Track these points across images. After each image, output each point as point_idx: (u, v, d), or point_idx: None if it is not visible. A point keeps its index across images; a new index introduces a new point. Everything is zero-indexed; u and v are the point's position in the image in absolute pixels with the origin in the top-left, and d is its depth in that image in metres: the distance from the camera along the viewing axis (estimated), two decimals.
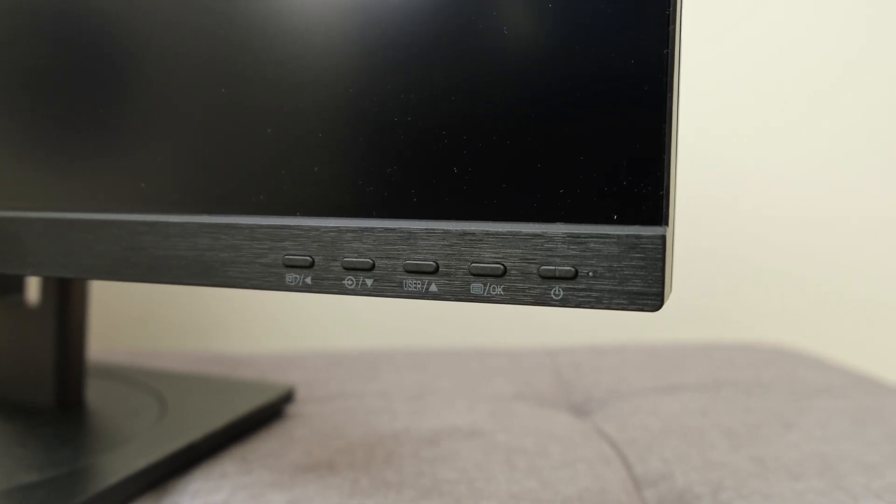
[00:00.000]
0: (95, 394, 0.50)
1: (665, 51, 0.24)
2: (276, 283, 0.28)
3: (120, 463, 0.39)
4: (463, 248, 0.26)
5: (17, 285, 0.49)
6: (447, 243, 0.26)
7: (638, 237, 0.24)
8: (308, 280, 0.28)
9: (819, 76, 0.83)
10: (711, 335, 0.82)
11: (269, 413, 0.50)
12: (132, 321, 0.82)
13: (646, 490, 0.42)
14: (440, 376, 0.61)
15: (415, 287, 0.26)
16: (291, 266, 0.28)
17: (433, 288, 0.26)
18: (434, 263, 0.26)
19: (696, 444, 0.46)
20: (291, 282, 0.28)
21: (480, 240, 0.26)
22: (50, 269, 0.31)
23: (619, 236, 0.24)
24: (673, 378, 0.60)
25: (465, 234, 0.26)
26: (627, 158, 0.24)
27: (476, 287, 0.26)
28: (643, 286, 0.24)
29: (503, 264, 0.25)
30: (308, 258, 0.28)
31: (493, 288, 0.25)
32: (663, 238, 0.24)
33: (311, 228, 0.28)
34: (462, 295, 0.26)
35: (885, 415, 0.51)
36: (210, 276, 0.29)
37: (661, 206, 0.24)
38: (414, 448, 0.45)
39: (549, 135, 0.25)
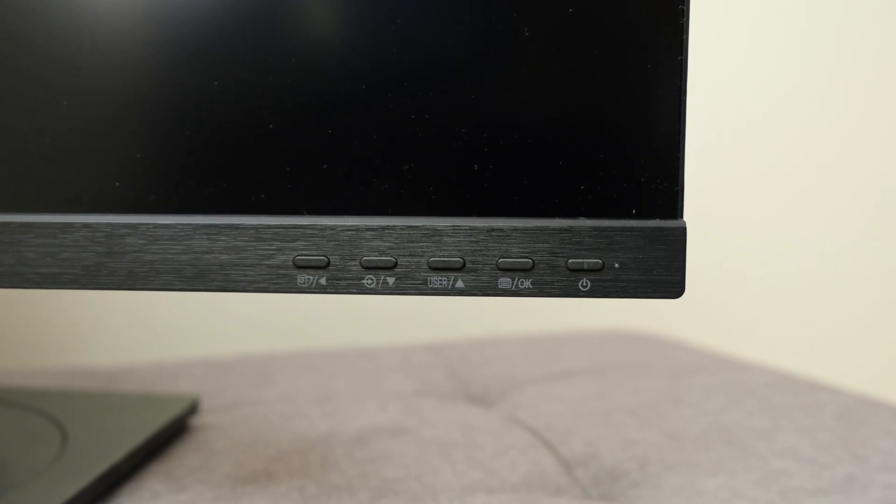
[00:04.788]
0: None
1: (679, 58, 0.26)
2: (285, 286, 0.27)
3: (41, 496, 0.36)
4: (491, 244, 0.26)
5: None
6: (474, 240, 0.26)
7: (661, 230, 0.26)
8: (322, 281, 0.27)
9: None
10: (550, 324, 0.86)
11: (178, 427, 0.47)
12: None
13: (577, 471, 0.44)
14: (335, 377, 0.60)
15: (440, 284, 0.26)
16: (304, 267, 0.27)
17: (459, 284, 0.26)
18: (461, 260, 0.26)
19: (608, 424, 0.49)
20: (303, 283, 0.27)
21: (508, 235, 0.26)
22: (5, 280, 0.28)
23: (643, 229, 0.26)
24: (559, 365, 0.63)
25: (492, 230, 0.26)
26: (645, 156, 0.26)
27: (504, 282, 0.26)
28: (666, 275, 0.26)
29: (532, 259, 0.26)
30: (323, 258, 0.27)
31: (522, 282, 0.26)
32: (685, 230, 0.26)
33: (326, 227, 0.27)
34: (489, 290, 0.26)
35: (753, 387, 0.57)
36: (207, 281, 0.27)
37: (677, 201, 0.26)
38: (346, 450, 0.45)
39: (570, 134, 0.26)
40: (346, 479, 0.41)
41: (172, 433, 0.46)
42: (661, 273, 0.26)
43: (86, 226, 0.28)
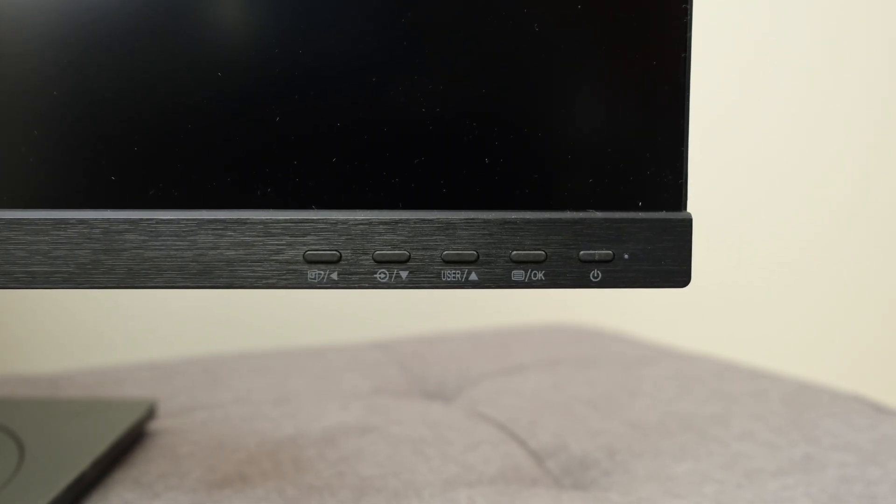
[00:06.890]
0: None
1: (683, 55, 0.27)
2: (295, 281, 0.26)
3: None
4: (504, 237, 0.27)
5: None
6: (488, 232, 0.27)
7: (669, 221, 0.27)
8: (334, 276, 0.26)
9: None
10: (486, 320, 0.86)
11: (137, 433, 0.45)
12: None
13: (547, 462, 0.45)
14: (289, 377, 0.59)
15: (454, 277, 0.26)
16: (315, 262, 0.26)
17: (473, 276, 0.26)
18: (475, 253, 0.26)
19: (570, 416, 0.50)
20: (314, 278, 0.26)
21: (521, 228, 0.27)
22: None
23: (652, 221, 0.27)
24: (510, 360, 0.64)
25: (505, 222, 0.27)
26: (651, 151, 0.27)
27: (517, 274, 0.27)
28: (674, 265, 0.27)
29: (545, 250, 0.27)
30: (335, 253, 0.26)
31: (535, 274, 0.27)
32: (690, 221, 0.27)
33: (337, 222, 0.26)
34: (503, 282, 0.27)
35: (701, 376, 0.59)
36: (213, 278, 0.26)
37: (682, 193, 0.27)
38: (317, 451, 0.44)
39: (579, 129, 0.27)
40: (322, 479, 0.40)
41: (133, 439, 0.44)
42: (669, 263, 0.27)
43: (81, 221, 0.26)
